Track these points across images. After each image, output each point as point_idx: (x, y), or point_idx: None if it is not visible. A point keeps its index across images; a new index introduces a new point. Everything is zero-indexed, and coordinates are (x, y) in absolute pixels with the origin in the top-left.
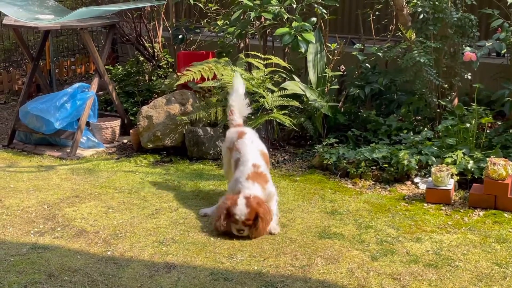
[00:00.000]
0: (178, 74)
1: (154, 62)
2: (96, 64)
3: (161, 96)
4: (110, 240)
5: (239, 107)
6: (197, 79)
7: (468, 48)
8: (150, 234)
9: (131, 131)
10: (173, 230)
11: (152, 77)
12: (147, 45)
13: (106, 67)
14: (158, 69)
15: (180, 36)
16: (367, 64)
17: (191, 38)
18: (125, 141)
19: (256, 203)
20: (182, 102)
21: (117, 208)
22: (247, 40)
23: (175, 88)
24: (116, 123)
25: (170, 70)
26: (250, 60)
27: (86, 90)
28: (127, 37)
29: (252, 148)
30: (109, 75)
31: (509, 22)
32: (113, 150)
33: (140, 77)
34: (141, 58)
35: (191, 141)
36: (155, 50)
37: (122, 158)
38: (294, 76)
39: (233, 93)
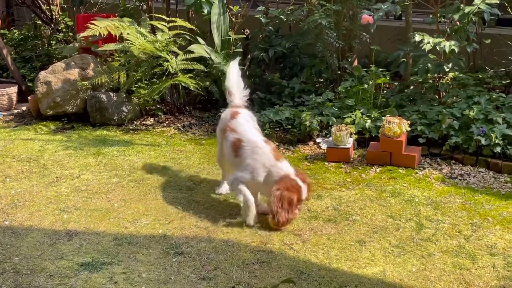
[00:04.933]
0: (81, 34)
1: (52, 25)
2: None
3: (60, 61)
4: (7, 210)
5: (238, 88)
6: (104, 35)
7: (365, 11)
8: (51, 202)
9: (29, 98)
10: (75, 198)
11: (51, 41)
12: (44, 7)
13: (1, 31)
14: (57, 33)
15: None
16: (270, 27)
17: (92, 1)
18: (23, 108)
19: (303, 175)
20: (83, 66)
21: (15, 177)
22: (149, 2)
23: (76, 53)
24: (12, 90)
25: (70, 34)
26: (154, 22)
27: None
28: None
29: (251, 127)
30: (4, 40)
31: None
32: (10, 118)
33: (38, 42)
34: (39, 22)
35: (94, 106)
36: (53, 13)
37: (20, 126)
38: (199, 38)
39: (229, 76)
